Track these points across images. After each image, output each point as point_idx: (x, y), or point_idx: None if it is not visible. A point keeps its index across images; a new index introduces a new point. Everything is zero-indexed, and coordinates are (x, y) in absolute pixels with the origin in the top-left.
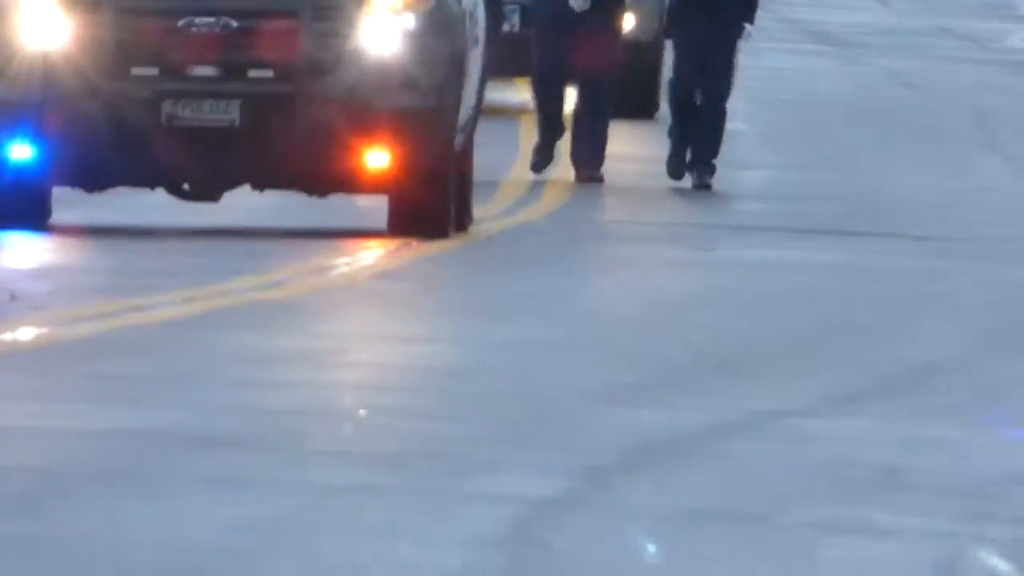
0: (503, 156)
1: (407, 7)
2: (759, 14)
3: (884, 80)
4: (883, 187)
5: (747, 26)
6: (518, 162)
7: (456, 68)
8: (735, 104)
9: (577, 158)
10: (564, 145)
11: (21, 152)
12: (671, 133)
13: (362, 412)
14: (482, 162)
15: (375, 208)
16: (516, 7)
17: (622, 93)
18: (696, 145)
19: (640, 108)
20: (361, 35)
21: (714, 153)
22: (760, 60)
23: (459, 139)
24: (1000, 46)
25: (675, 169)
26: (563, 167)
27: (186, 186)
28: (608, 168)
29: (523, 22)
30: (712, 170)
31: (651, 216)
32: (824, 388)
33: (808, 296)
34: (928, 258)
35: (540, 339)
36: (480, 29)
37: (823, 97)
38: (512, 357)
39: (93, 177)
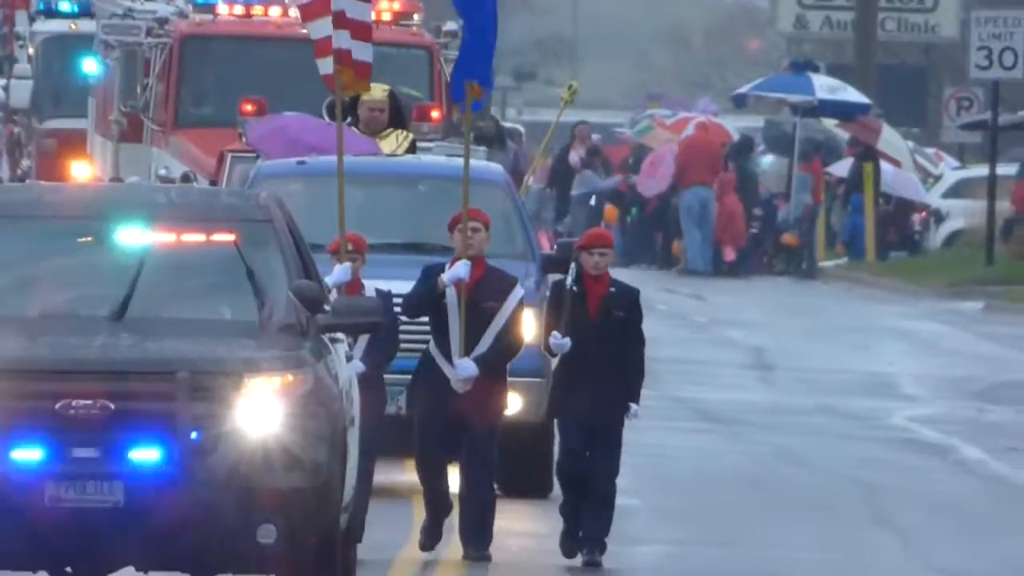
0: (396, 535)
1: (285, 387)
2: (644, 393)
3: (770, 457)
4: (777, 564)
5: (632, 406)
6: (411, 541)
7: (337, 447)
8: (626, 481)
9: (465, 536)
10: (454, 522)
11: None
12: (562, 511)
13: None
14: (375, 541)
15: None
16: (403, 388)
17: (515, 473)
18: (587, 523)
19: (533, 488)
20: (240, 416)
21: (605, 531)
22: (648, 437)
23: (343, 519)
24: (883, 423)
25: (568, 548)
26: (454, 545)
27: (69, 569)
28: (499, 544)
29: (409, 403)
30: (603, 548)
31: None
32: None
33: None
34: None
35: None
36: (356, 409)
37: (712, 473)
38: None
39: None
